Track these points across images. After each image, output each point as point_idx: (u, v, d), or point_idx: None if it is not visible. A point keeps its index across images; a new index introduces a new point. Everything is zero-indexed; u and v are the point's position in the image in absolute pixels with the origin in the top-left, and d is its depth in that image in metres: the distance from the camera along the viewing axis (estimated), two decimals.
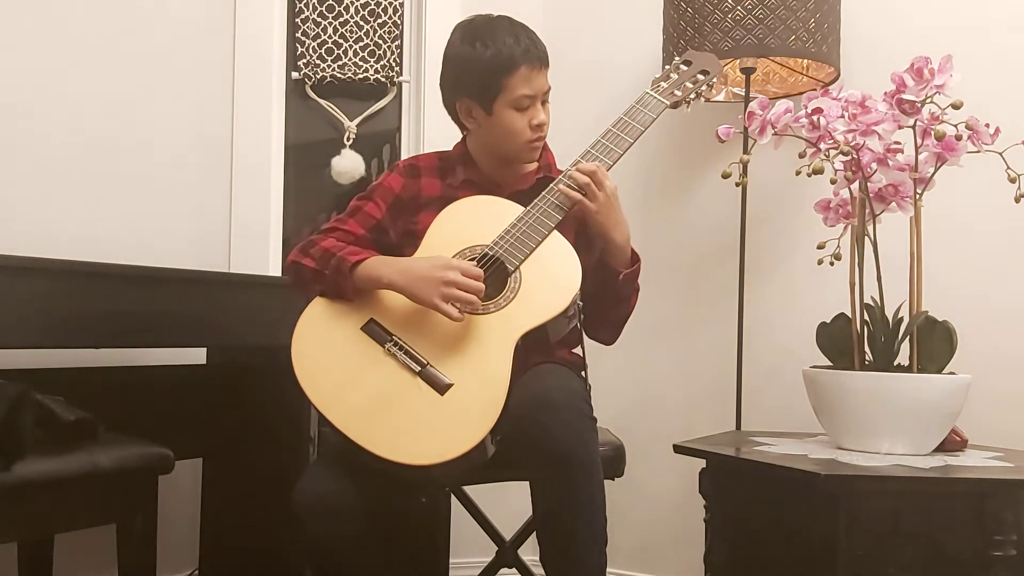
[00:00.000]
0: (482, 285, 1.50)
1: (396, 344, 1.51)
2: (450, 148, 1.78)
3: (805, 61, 2.21)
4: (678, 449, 1.78)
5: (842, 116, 1.70)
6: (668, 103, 1.71)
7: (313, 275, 1.59)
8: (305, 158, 2.57)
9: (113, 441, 1.56)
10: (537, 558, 1.50)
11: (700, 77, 1.74)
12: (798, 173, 1.72)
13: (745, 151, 1.86)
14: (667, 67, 1.78)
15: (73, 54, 2.13)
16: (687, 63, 1.76)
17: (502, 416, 1.42)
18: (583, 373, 1.69)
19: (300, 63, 2.53)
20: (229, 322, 1.94)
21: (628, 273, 1.65)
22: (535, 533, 1.51)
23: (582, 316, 1.64)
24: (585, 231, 1.75)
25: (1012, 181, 1.63)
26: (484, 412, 1.42)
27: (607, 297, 1.67)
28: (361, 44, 2.55)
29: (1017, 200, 1.62)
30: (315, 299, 1.59)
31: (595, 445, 1.46)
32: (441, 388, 1.46)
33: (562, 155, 1.76)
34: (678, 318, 2.41)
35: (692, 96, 1.73)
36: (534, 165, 1.75)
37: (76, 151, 2.13)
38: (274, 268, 2.48)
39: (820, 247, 1.85)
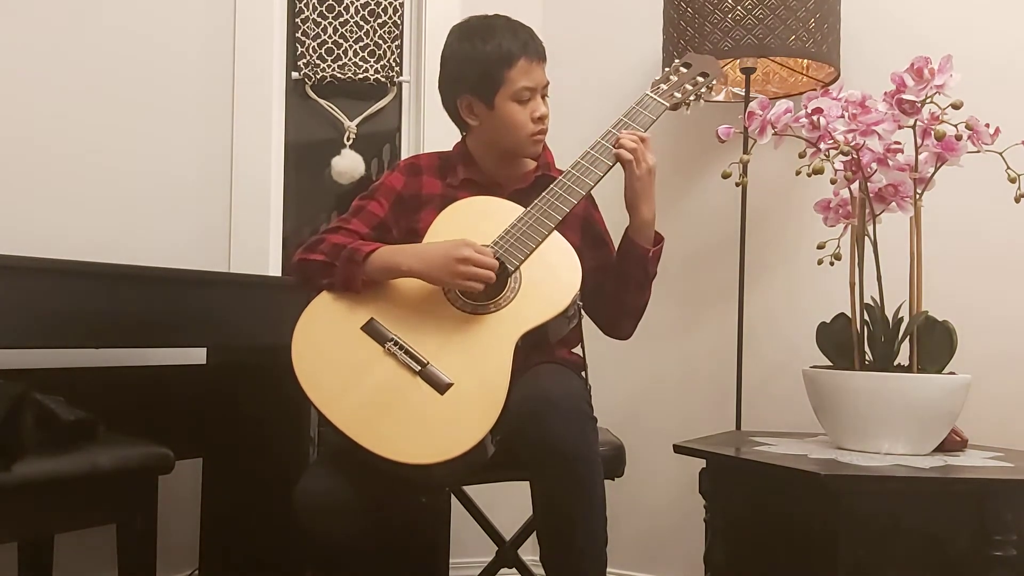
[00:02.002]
0: (495, 261, 1.51)
1: (396, 343, 1.51)
2: (450, 148, 1.78)
3: (805, 61, 2.21)
4: (678, 449, 1.78)
5: (842, 116, 1.70)
6: (668, 105, 1.71)
7: (322, 268, 1.58)
8: (305, 158, 2.57)
9: (113, 441, 1.56)
10: (537, 558, 1.50)
11: (700, 79, 1.74)
12: (798, 173, 1.72)
13: (745, 151, 1.86)
14: (667, 69, 1.78)
15: (73, 53, 2.13)
16: (687, 65, 1.76)
17: (502, 416, 1.43)
18: (583, 373, 1.69)
19: (300, 63, 2.53)
20: (229, 322, 1.93)
21: (655, 251, 1.67)
22: (535, 533, 1.51)
23: (582, 315, 1.64)
24: (591, 231, 1.75)
25: (1012, 181, 1.63)
26: (484, 412, 1.42)
27: (631, 280, 1.68)
28: (361, 44, 2.55)
29: (1017, 200, 1.62)
30: (315, 299, 1.59)
31: (595, 445, 1.46)
32: (441, 387, 1.46)
33: (562, 155, 1.77)
34: (678, 318, 2.41)
35: (692, 98, 1.73)
36: (533, 164, 1.75)
37: (76, 151, 2.13)
38: (274, 268, 2.48)
39: (820, 247, 1.85)
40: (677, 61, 1.78)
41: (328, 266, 1.57)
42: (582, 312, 1.65)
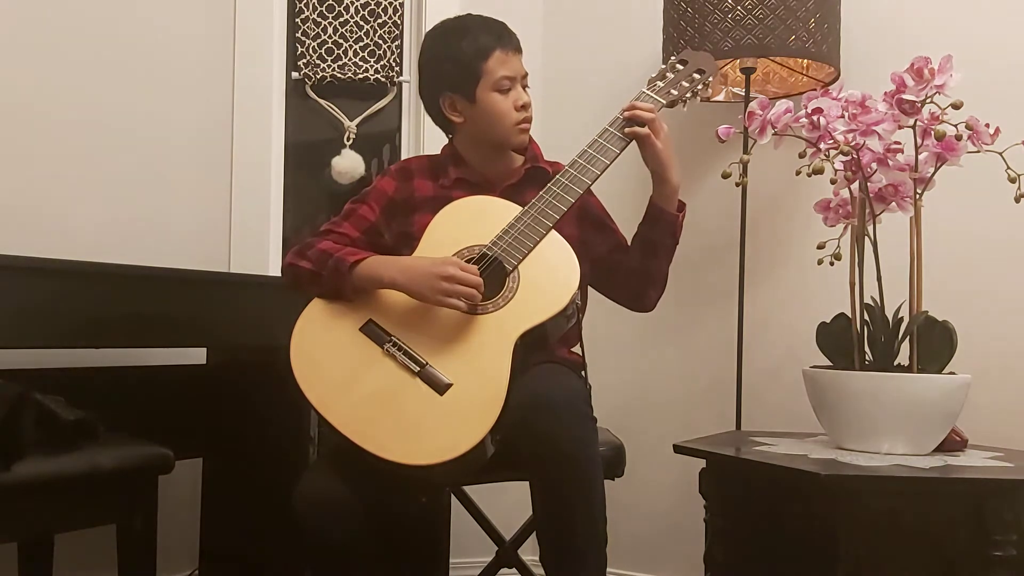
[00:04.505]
0: (480, 279, 1.50)
1: (395, 344, 1.51)
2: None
3: (805, 61, 2.21)
4: (678, 449, 1.78)
5: (842, 116, 1.70)
6: (664, 102, 1.71)
7: (310, 277, 1.59)
8: (305, 158, 2.57)
9: (113, 441, 1.56)
10: (537, 558, 1.50)
11: (696, 76, 1.74)
12: (798, 173, 1.72)
13: (745, 151, 1.85)
14: (663, 67, 1.78)
15: (74, 56, 2.13)
16: (683, 62, 1.76)
17: (502, 416, 1.42)
18: (583, 373, 1.70)
19: (300, 63, 2.53)
20: (229, 322, 1.94)
21: (682, 216, 1.71)
22: (535, 533, 1.51)
23: (582, 314, 1.64)
24: (590, 218, 1.75)
25: (1012, 181, 1.63)
26: (484, 412, 1.42)
27: (660, 246, 1.71)
28: (361, 44, 2.55)
29: (1017, 200, 1.62)
30: (314, 300, 1.60)
31: (595, 445, 1.46)
32: (440, 388, 1.46)
33: (561, 153, 1.76)
34: (678, 318, 2.41)
35: (688, 95, 1.73)
36: (521, 159, 1.76)
37: (76, 151, 2.13)
38: (274, 268, 2.48)
39: (820, 247, 1.84)
40: (673, 58, 1.78)
41: (316, 275, 1.58)
42: (581, 311, 1.65)
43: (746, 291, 2.20)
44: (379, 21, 2.55)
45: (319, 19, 2.53)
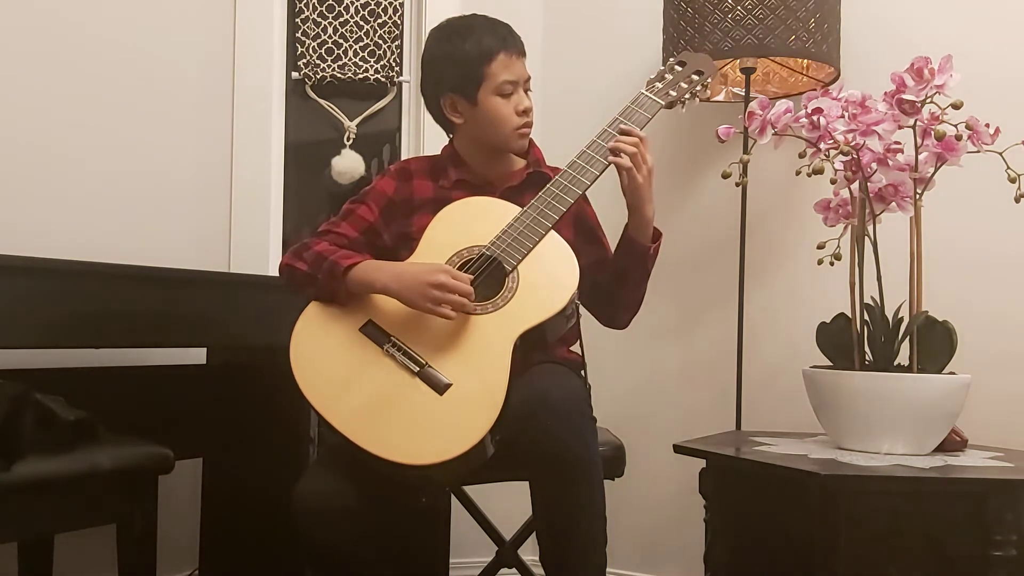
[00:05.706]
0: (470, 288, 1.50)
1: (394, 345, 1.51)
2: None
3: (805, 61, 2.21)
4: (678, 449, 1.78)
5: (842, 116, 1.70)
6: (663, 103, 1.71)
7: (306, 279, 1.59)
8: (305, 158, 2.57)
9: (113, 441, 1.56)
10: (537, 558, 1.50)
11: (695, 77, 1.74)
12: (798, 173, 1.72)
13: (745, 151, 1.86)
14: (662, 68, 1.78)
15: (73, 54, 2.13)
16: (682, 64, 1.76)
17: (502, 416, 1.42)
18: (582, 372, 1.70)
19: (300, 63, 2.53)
20: (229, 322, 1.93)
21: (655, 247, 1.69)
22: (535, 533, 1.51)
23: (581, 314, 1.65)
24: (584, 227, 1.75)
25: (1012, 181, 1.63)
26: (483, 412, 1.42)
27: (630, 276, 1.69)
28: (361, 44, 2.55)
29: (1017, 200, 1.62)
30: (313, 300, 1.59)
31: (595, 445, 1.46)
32: (440, 388, 1.46)
33: (560, 154, 1.76)
34: (678, 318, 2.41)
35: (687, 96, 1.73)
36: (523, 162, 1.75)
37: (76, 151, 2.13)
38: (274, 268, 2.47)
39: (820, 247, 1.85)
40: (672, 59, 1.78)
41: (311, 277, 1.58)
42: (580, 311, 1.65)
43: (746, 291, 2.20)
44: (379, 21, 2.56)
45: (319, 19, 2.53)
